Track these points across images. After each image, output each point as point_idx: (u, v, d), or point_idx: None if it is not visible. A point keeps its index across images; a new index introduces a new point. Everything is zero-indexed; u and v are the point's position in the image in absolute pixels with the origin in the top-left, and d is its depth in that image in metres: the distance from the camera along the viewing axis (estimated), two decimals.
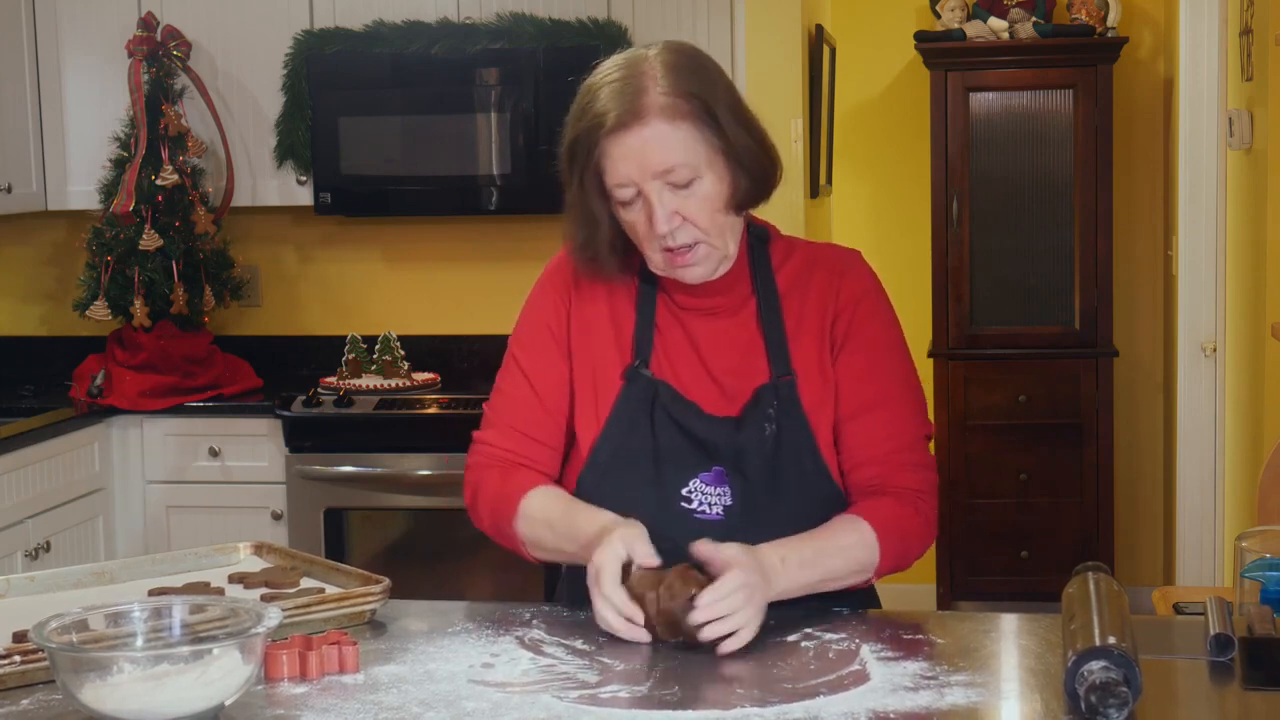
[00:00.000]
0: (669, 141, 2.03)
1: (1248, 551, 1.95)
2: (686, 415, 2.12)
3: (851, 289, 2.18)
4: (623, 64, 2.09)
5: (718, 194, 2.06)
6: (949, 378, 5.62)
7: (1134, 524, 5.89)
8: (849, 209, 6.04)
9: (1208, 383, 5.03)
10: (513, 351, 2.24)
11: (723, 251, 2.11)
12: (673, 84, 2.04)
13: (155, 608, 1.80)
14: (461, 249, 4.92)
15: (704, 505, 2.11)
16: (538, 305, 2.24)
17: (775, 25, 4.66)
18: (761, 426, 2.11)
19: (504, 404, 2.23)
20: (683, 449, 2.12)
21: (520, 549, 2.16)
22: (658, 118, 2.03)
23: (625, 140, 2.03)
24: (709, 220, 2.07)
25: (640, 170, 2.03)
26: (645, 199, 2.05)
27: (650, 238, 2.07)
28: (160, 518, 4.50)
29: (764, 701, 1.72)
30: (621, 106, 2.03)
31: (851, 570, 2.08)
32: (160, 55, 4.58)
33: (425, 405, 4.40)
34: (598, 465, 2.15)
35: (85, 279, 4.59)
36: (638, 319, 2.18)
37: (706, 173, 2.05)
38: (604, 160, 2.05)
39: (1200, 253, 5.01)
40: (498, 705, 1.73)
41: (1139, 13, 5.77)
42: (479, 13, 4.57)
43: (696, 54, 2.12)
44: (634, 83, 2.04)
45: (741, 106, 2.11)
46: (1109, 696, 1.61)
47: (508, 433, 2.20)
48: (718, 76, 2.10)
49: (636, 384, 2.15)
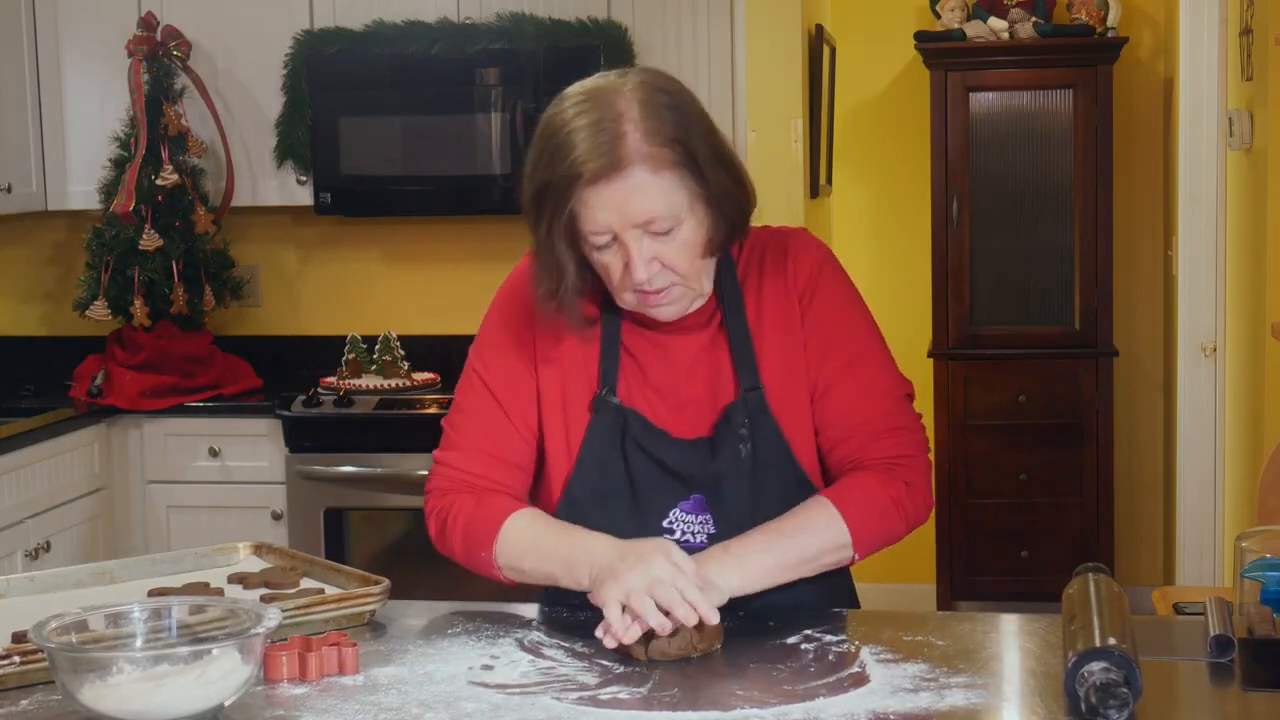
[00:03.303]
0: (651, 192, 1.93)
1: (1248, 551, 1.95)
2: (657, 445, 2.07)
3: (807, 262, 2.11)
4: (594, 102, 1.96)
5: (697, 240, 1.99)
6: (949, 378, 5.62)
7: (1134, 524, 5.89)
8: (849, 209, 6.03)
9: (1208, 383, 5.03)
10: (473, 365, 2.16)
11: (697, 292, 2.04)
12: (653, 129, 1.94)
13: (155, 608, 1.80)
14: (461, 249, 4.92)
15: (688, 535, 2.07)
16: (502, 316, 2.16)
17: (775, 25, 4.66)
18: (736, 449, 2.06)
19: (467, 423, 2.14)
20: (659, 479, 2.07)
21: (494, 572, 2.09)
22: (640, 167, 1.92)
23: (604, 192, 1.93)
24: (688, 265, 2.00)
25: (620, 220, 1.94)
26: (622, 245, 1.96)
27: (625, 283, 1.99)
28: (160, 518, 4.50)
29: (764, 703, 1.72)
30: (600, 156, 1.91)
31: (824, 548, 2.02)
32: (160, 55, 4.58)
33: (425, 405, 4.40)
34: (574, 503, 2.09)
35: (85, 279, 4.59)
36: (603, 339, 2.10)
37: (687, 218, 1.97)
38: (580, 209, 1.95)
39: (1200, 253, 5.01)
40: (497, 707, 1.73)
41: (1139, 13, 5.77)
42: (479, 13, 4.57)
43: (672, 88, 2.01)
44: (611, 127, 1.93)
45: (719, 143, 2.02)
46: (1109, 697, 1.61)
47: (474, 455, 2.12)
48: (695, 112, 2.00)
49: (605, 414, 2.08)
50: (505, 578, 2.09)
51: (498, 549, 2.06)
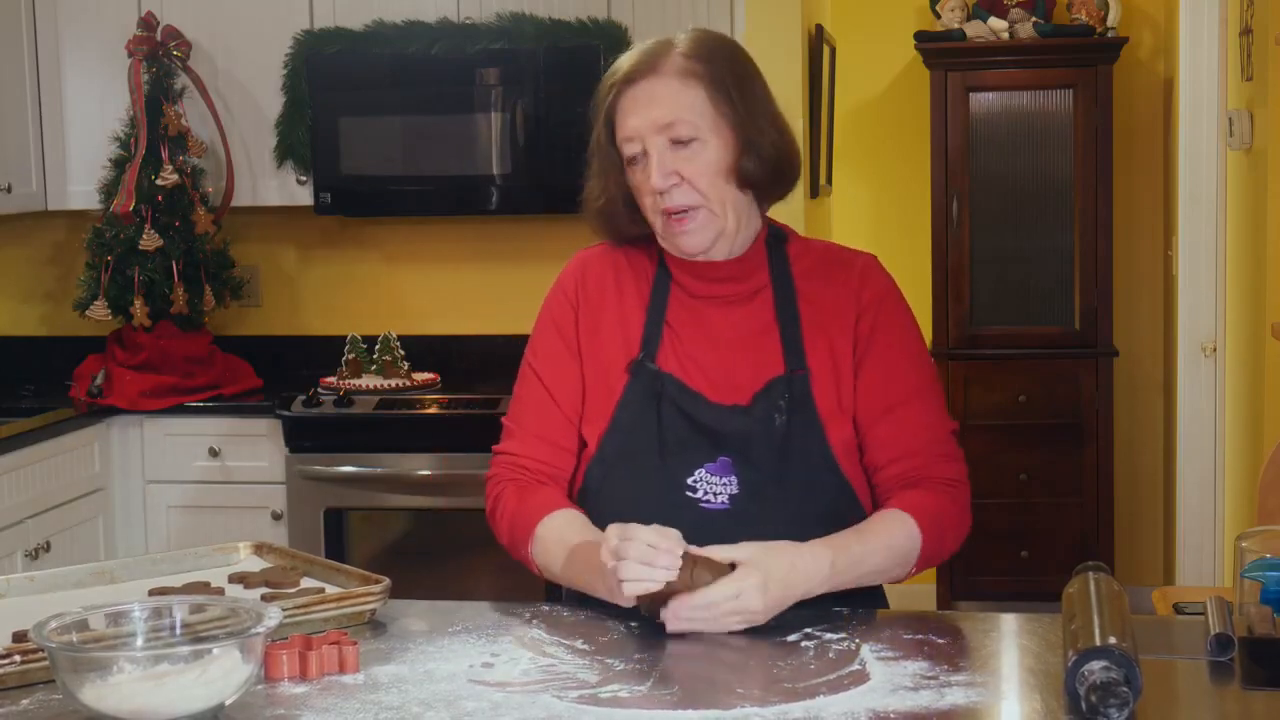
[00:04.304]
0: (675, 96, 2.08)
1: (1248, 551, 1.95)
2: (693, 404, 2.13)
3: (874, 289, 2.19)
4: (660, 36, 2.17)
5: (720, 160, 2.09)
6: (949, 378, 5.62)
7: (1134, 524, 5.89)
8: (849, 209, 6.03)
9: (1208, 383, 5.03)
10: (528, 360, 2.26)
11: (722, 222, 2.12)
12: (694, 50, 2.11)
13: (155, 608, 1.80)
14: (461, 249, 4.92)
15: (709, 495, 2.10)
16: (548, 312, 2.26)
17: (775, 25, 4.65)
18: (771, 416, 2.10)
19: (523, 412, 2.24)
20: (689, 439, 2.12)
21: (533, 569, 2.18)
22: (670, 74, 2.09)
23: (634, 92, 2.09)
24: (708, 184, 2.09)
25: (645, 123, 2.08)
26: (647, 156, 2.09)
27: (649, 195, 2.10)
28: (160, 518, 4.50)
29: (764, 701, 1.72)
30: (639, 62, 2.11)
31: (892, 565, 2.09)
32: (160, 55, 4.58)
33: (425, 405, 4.40)
34: (604, 460, 2.15)
35: (85, 279, 4.59)
36: (648, 314, 2.18)
37: (711, 138, 2.08)
38: (616, 114, 2.11)
39: (1200, 253, 5.01)
40: (498, 705, 1.73)
41: (1139, 13, 5.77)
42: (479, 13, 4.57)
43: (732, 42, 2.19)
44: (660, 46, 2.13)
45: (767, 96, 2.15)
46: (1109, 696, 1.61)
47: (529, 440, 2.21)
48: (748, 64, 2.15)
49: (641, 377, 2.15)
50: (543, 576, 2.17)
51: (533, 550, 2.15)
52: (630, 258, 2.24)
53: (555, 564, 2.12)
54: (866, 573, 2.06)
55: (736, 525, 2.03)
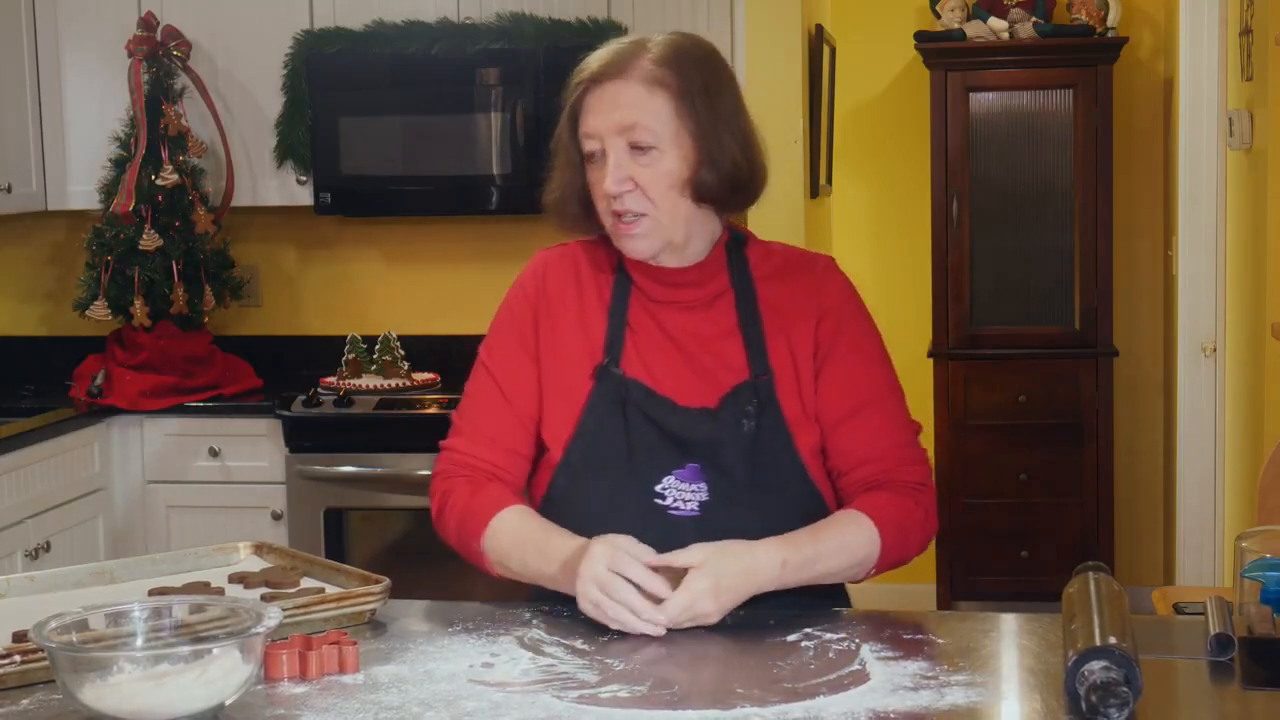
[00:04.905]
0: (639, 102, 2.06)
1: (1248, 551, 1.95)
2: (660, 410, 2.11)
3: (833, 292, 2.18)
4: (636, 36, 2.17)
5: (676, 172, 2.08)
6: (949, 378, 5.62)
7: (1134, 524, 5.89)
8: (849, 209, 6.03)
9: (1208, 383, 5.03)
10: (482, 359, 2.25)
11: (669, 233, 2.11)
12: (665, 57, 2.09)
13: (155, 608, 1.80)
14: (461, 249, 4.92)
15: (679, 502, 2.09)
16: (508, 311, 2.24)
17: (775, 25, 4.66)
18: (739, 421, 2.09)
19: (473, 410, 2.22)
20: (657, 445, 2.10)
21: (484, 565, 2.14)
22: (637, 80, 2.08)
23: (600, 92, 2.08)
24: (660, 195, 2.08)
25: (607, 124, 2.07)
26: (605, 156, 2.08)
27: (602, 198, 2.10)
28: (160, 518, 4.50)
29: (764, 701, 1.72)
30: (609, 62, 2.10)
31: (848, 566, 2.08)
32: (160, 55, 4.58)
33: (425, 405, 4.40)
34: (570, 466, 2.13)
35: (85, 279, 4.59)
36: (609, 318, 2.16)
37: (670, 148, 2.07)
38: (580, 110, 2.11)
39: (1200, 253, 5.01)
40: (498, 705, 1.73)
41: (1139, 13, 5.77)
42: (479, 13, 4.57)
43: (708, 49, 2.16)
44: (632, 48, 2.12)
45: (737, 107, 2.13)
46: (1109, 696, 1.61)
47: (477, 439, 2.19)
48: (721, 74, 2.13)
49: (606, 383, 2.13)
50: (495, 572, 2.14)
51: (485, 544, 2.12)
52: (592, 259, 2.22)
53: (512, 557, 2.09)
54: (821, 573, 2.05)
55: (706, 532, 2.02)
